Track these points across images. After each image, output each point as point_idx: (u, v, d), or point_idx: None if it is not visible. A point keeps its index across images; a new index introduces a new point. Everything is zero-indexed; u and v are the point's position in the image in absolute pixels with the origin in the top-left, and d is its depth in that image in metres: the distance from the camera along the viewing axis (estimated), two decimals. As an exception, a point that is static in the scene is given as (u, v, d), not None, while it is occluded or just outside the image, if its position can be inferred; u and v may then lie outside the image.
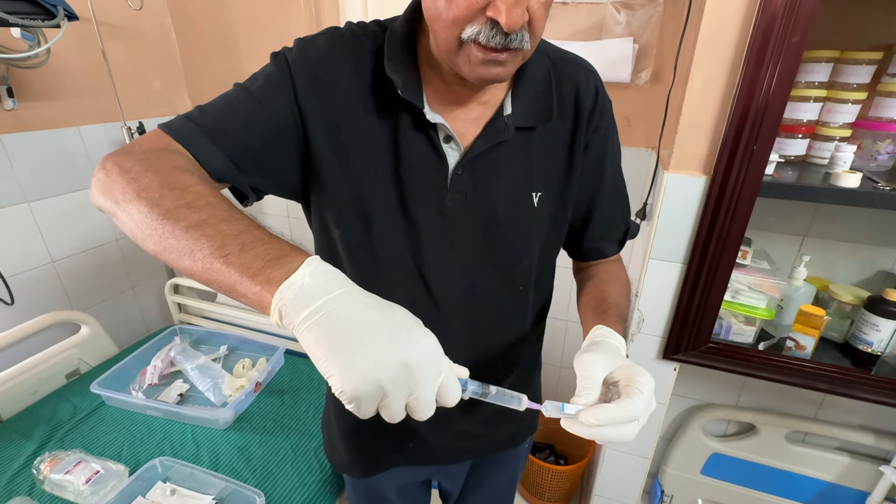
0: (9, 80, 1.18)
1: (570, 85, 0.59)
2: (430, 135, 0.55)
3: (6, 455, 1.03)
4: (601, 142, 0.61)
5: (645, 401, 0.45)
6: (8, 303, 1.24)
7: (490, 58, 0.46)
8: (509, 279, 0.63)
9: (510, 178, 0.58)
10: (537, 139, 0.58)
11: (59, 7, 0.91)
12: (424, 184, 0.56)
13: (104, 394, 1.15)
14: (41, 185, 1.29)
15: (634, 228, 0.73)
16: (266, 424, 1.12)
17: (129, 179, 0.41)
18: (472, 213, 0.58)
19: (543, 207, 0.60)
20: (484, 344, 0.66)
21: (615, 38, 1.13)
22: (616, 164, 0.66)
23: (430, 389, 0.36)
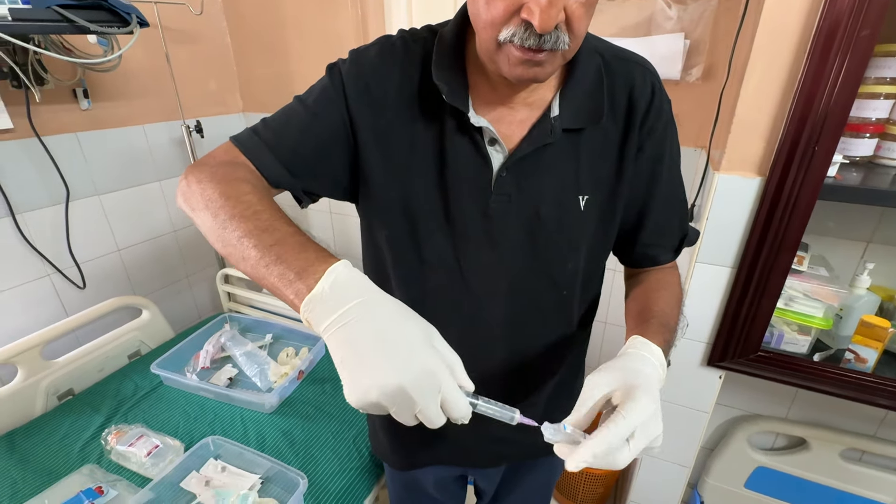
0: (85, 83, 1.29)
1: (623, 84, 0.56)
2: (475, 138, 0.56)
3: (78, 425, 1.13)
4: (656, 144, 0.59)
5: (626, 427, 0.41)
6: (80, 287, 1.35)
7: (527, 58, 0.46)
8: (552, 282, 0.62)
9: (556, 180, 0.57)
10: (586, 141, 0.57)
11: (133, 15, 0.98)
12: (469, 186, 0.57)
13: (162, 374, 1.24)
14: (110, 179, 1.40)
15: (693, 235, 0.69)
16: (308, 411, 1.17)
17: (200, 189, 0.48)
18: (517, 215, 0.58)
19: (591, 211, 0.59)
20: (525, 345, 0.66)
21: (665, 34, 1.10)
22: (674, 168, 0.63)
23: (430, 406, 0.38)
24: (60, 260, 1.30)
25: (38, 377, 1.18)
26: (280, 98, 0.62)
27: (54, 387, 1.22)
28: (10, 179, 1.17)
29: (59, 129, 1.26)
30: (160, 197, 1.55)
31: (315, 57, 1.55)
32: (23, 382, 1.16)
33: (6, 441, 1.08)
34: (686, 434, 1.15)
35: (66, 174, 1.27)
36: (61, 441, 1.09)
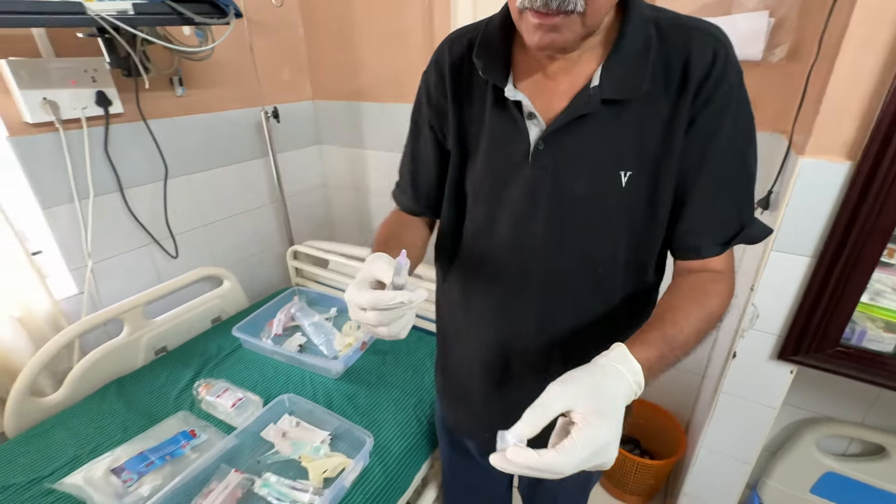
0: (180, 72, 1.42)
1: (679, 53, 0.52)
2: (513, 111, 0.58)
3: (173, 377, 1.27)
4: (712, 117, 0.53)
5: (576, 457, 0.39)
6: (173, 257, 1.51)
7: (541, 21, 0.47)
8: (587, 259, 0.60)
9: (595, 154, 0.56)
10: (632, 114, 0.54)
11: (230, 7, 1.08)
12: (507, 158, 0.60)
13: (242, 337, 1.36)
14: (197, 160, 1.54)
15: (758, 231, 0.59)
16: (371, 379, 1.25)
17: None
18: (552, 188, 0.58)
19: (634, 188, 0.56)
20: (556, 321, 0.65)
21: (747, 13, 1.04)
22: (735, 148, 0.55)
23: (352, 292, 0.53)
24: (158, 232, 1.46)
25: (140, 333, 1.34)
26: (347, 86, 0.72)
27: (152, 343, 1.38)
28: (121, 159, 1.32)
29: (158, 113, 1.40)
30: (240, 178, 1.69)
31: (382, 46, 1.61)
32: (128, 337, 1.32)
33: (115, 386, 1.24)
34: (750, 429, 1.12)
35: (165, 154, 1.41)
36: (160, 389, 1.23)
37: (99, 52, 1.20)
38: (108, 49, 1.12)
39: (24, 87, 1.10)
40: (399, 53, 1.57)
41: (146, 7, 0.98)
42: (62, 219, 1.24)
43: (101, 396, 1.21)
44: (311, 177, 1.99)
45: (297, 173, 1.90)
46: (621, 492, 1.54)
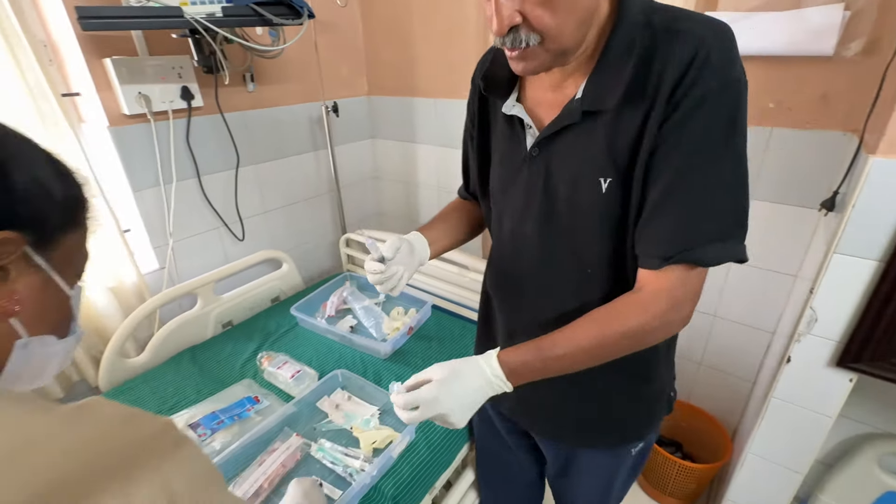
0: (252, 69, 1.54)
1: (661, 58, 0.52)
2: (513, 122, 0.66)
3: (238, 349, 1.40)
4: (677, 124, 0.51)
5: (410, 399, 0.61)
6: (240, 239, 1.64)
7: (511, 56, 0.55)
8: (577, 260, 0.65)
9: (579, 161, 0.59)
10: (610, 123, 0.56)
11: (304, 8, 1.17)
12: (509, 164, 0.68)
13: (299, 316, 1.47)
14: (263, 151, 1.66)
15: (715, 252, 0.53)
16: (417, 361, 1.32)
17: None
18: (545, 192, 0.64)
19: (614, 194, 0.58)
20: (549, 315, 0.69)
21: (820, 6, 1.01)
22: (697, 158, 0.52)
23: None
24: (228, 216, 1.59)
25: (211, 307, 1.48)
26: (401, 82, 0.79)
27: (220, 317, 1.51)
28: (199, 148, 1.46)
29: (231, 107, 1.52)
30: (300, 169, 1.80)
31: (437, 43, 1.66)
32: (200, 310, 1.46)
33: (189, 353, 1.38)
34: (802, 438, 1.08)
35: (237, 145, 1.54)
36: (227, 359, 1.36)
37: (184, 50, 1.33)
38: (196, 48, 1.23)
39: (123, 82, 1.24)
40: (453, 51, 1.62)
41: (232, 10, 1.08)
42: (149, 201, 1.39)
43: (178, 362, 1.35)
44: (364, 169, 2.09)
45: (351, 165, 2.00)
46: (660, 493, 1.52)
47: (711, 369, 1.50)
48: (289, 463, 0.99)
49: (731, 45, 0.52)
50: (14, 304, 0.38)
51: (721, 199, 0.53)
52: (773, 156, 1.15)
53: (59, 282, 0.41)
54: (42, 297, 0.40)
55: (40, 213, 0.39)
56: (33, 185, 0.38)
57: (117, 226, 1.30)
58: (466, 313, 1.53)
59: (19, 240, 0.36)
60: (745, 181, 0.54)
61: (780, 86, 1.11)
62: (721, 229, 0.54)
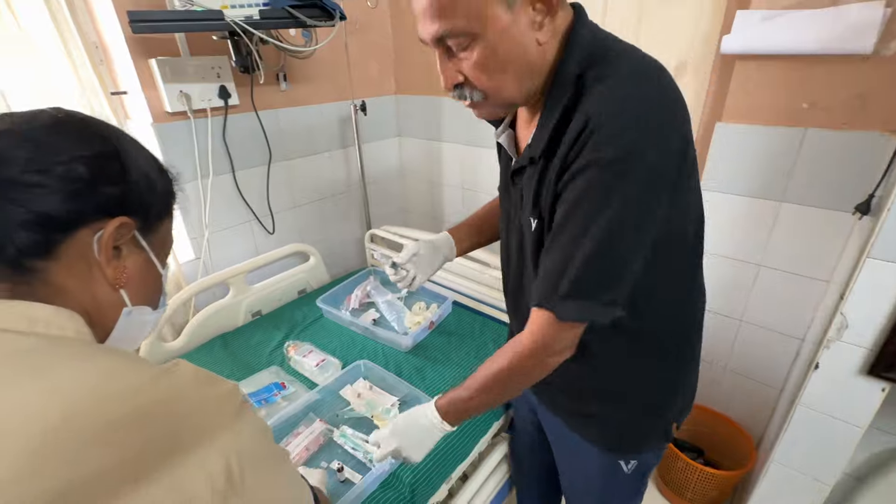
0: (285, 68, 1.60)
1: (576, 119, 0.55)
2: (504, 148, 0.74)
3: (266, 337, 1.46)
4: (566, 182, 0.56)
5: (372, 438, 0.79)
6: (270, 233, 1.71)
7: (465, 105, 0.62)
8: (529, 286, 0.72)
9: (528, 198, 0.66)
10: (540, 171, 0.62)
11: (337, 10, 1.21)
12: (504, 181, 0.77)
13: (325, 308, 1.52)
14: (294, 148, 1.72)
15: (569, 310, 0.59)
16: (437, 356, 1.34)
17: None
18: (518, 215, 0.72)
19: (538, 232, 0.66)
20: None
21: (859, 3, 0.98)
22: (568, 225, 0.56)
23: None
24: (260, 210, 1.65)
25: (242, 297, 1.55)
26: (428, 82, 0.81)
27: (250, 306, 1.58)
28: (235, 144, 1.52)
29: (266, 105, 1.59)
30: (328, 165, 1.86)
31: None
32: (232, 299, 1.53)
33: (221, 340, 1.45)
34: (829, 448, 1.06)
35: (269, 142, 1.60)
36: (255, 346, 1.42)
37: (223, 51, 1.40)
38: (234, 49, 1.30)
39: (167, 81, 1.31)
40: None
41: (269, 13, 1.13)
42: (187, 194, 1.46)
43: (210, 347, 1.42)
44: (390, 166, 2.13)
45: (378, 162, 2.05)
46: (680, 499, 1.50)
47: (737, 374, 1.46)
48: (312, 447, 1.03)
49: (632, 112, 0.52)
50: (124, 277, 0.44)
51: (579, 263, 0.56)
52: (805, 157, 1.12)
53: (155, 261, 0.48)
54: (144, 273, 0.47)
55: (147, 203, 0.45)
56: (143, 178, 0.45)
57: (158, 217, 1.38)
58: (487, 310, 1.55)
59: (131, 224, 0.43)
60: (613, 252, 0.55)
61: (815, 85, 1.08)
62: (578, 289, 0.57)
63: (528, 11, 0.54)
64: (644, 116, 0.52)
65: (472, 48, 0.55)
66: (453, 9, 0.52)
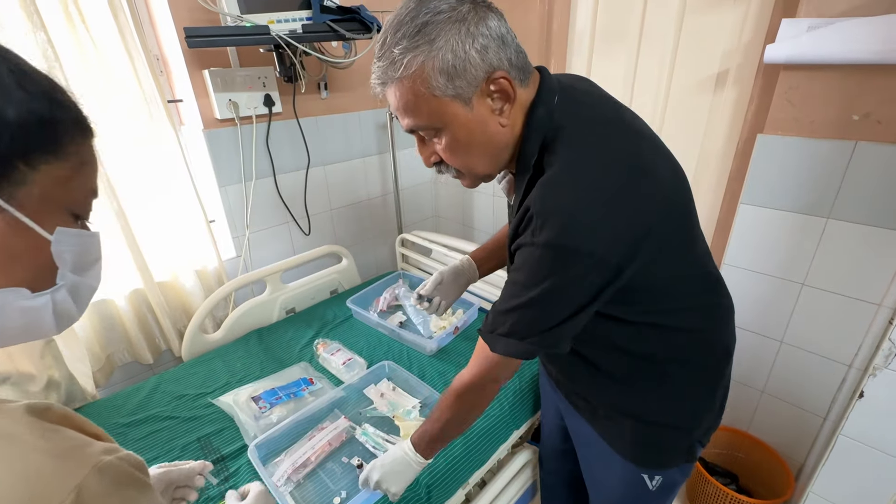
0: (326, 78, 1.67)
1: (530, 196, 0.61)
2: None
3: (298, 334, 1.52)
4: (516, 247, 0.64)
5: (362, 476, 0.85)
6: (306, 234, 1.78)
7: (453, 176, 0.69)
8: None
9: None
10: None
11: (375, 24, 1.26)
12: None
13: (354, 308, 1.57)
14: (331, 153, 1.79)
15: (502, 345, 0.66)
16: (461, 360, 1.36)
17: None
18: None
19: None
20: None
21: (917, 11, 0.92)
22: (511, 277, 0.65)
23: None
24: (297, 212, 1.73)
25: (277, 294, 1.62)
26: None
27: (285, 304, 1.65)
28: (277, 149, 1.61)
29: (307, 113, 1.66)
30: (362, 171, 1.92)
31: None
32: (268, 296, 1.60)
33: (257, 334, 1.53)
34: (873, 481, 0.99)
35: (309, 147, 1.68)
36: (288, 342, 1.49)
37: (268, 62, 1.48)
38: (278, 60, 1.37)
39: (217, 90, 1.40)
40: (515, 59, 1.65)
41: (311, 27, 1.20)
42: (231, 196, 1.56)
43: (246, 340, 1.50)
44: (423, 173, 2.17)
45: (411, 169, 2.09)
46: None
47: (776, 399, 1.39)
48: (335, 442, 1.07)
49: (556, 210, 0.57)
50: None
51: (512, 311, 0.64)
52: (855, 172, 1.06)
53: (29, 224, 0.34)
54: (7, 242, 0.33)
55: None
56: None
57: (205, 216, 1.47)
58: (512, 318, 1.55)
59: None
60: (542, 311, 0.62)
61: (868, 96, 1.02)
62: (510, 331, 0.65)
63: (486, 102, 0.59)
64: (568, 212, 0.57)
65: (439, 136, 0.61)
66: (417, 110, 0.59)
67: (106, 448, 0.34)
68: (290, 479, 0.98)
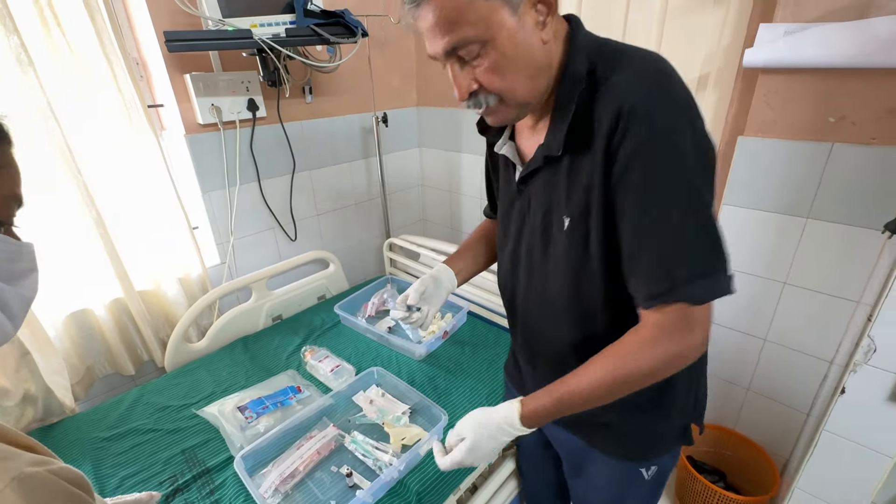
0: (311, 82, 1.66)
1: (601, 110, 0.56)
2: (506, 158, 0.73)
3: (285, 342, 1.50)
4: (621, 173, 0.56)
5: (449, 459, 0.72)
6: (293, 240, 1.76)
7: (478, 112, 0.62)
8: (556, 289, 0.70)
9: (546, 200, 0.66)
10: (566, 167, 0.62)
11: (359, 28, 1.26)
12: (506, 194, 0.76)
13: (342, 314, 1.55)
14: (317, 158, 1.78)
15: (699, 290, 0.55)
16: (449, 365, 1.35)
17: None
18: (524, 222, 0.72)
19: (573, 232, 0.64)
20: (539, 343, 0.78)
21: (889, 16, 0.95)
22: (652, 204, 0.55)
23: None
24: (283, 217, 1.71)
25: (263, 301, 1.60)
26: (449, 95, 0.82)
27: (271, 311, 1.63)
28: (261, 154, 1.59)
29: (291, 117, 1.65)
30: (349, 175, 1.91)
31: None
32: (254, 303, 1.58)
33: (242, 342, 1.50)
34: (856, 477, 1.01)
35: (294, 152, 1.66)
36: (274, 350, 1.46)
37: (252, 66, 1.46)
38: (262, 64, 1.36)
39: (199, 95, 1.38)
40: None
41: (295, 31, 1.18)
42: (215, 202, 1.53)
43: (232, 349, 1.47)
44: (410, 176, 2.17)
45: (398, 172, 2.09)
46: (700, 524, 1.44)
47: (760, 396, 1.41)
48: (324, 451, 1.05)
49: (659, 93, 0.54)
50: None
51: (684, 241, 0.55)
52: (832, 173, 1.09)
53: None
54: None
55: None
56: None
57: (188, 223, 1.45)
58: (501, 320, 1.55)
59: None
60: (705, 217, 0.55)
61: (843, 99, 1.05)
62: (696, 267, 0.55)
63: (531, 13, 0.56)
64: (674, 95, 0.54)
65: (483, 54, 0.56)
66: (461, 21, 0.54)
67: (34, 460, 0.32)
68: (277, 491, 0.96)
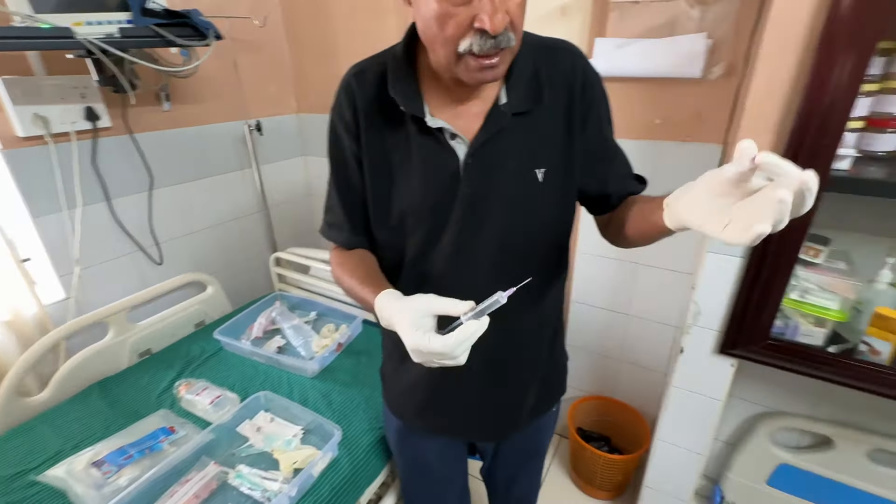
0: (167, 88, 1.50)
1: (558, 69, 0.66)
2: (437, 136, 0.64)
3: (156, 378, 1.33)
4: (596, 112, 0.69)
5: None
6: (158, 263, 1.57)
7: (485, 64, 0.55)
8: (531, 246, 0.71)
9: (514, 159, 0.65)
10: (534, 121, 0.65)
11: (210, 30, 1.16)
12: (440, 178, 0.65)
13: (223, 340, 1.42)
14: (184, 171, 1.61)
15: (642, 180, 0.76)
16: (345, 378, 1.31)
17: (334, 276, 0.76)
18: (486, 196, 0.66)
19: (549, 181, 0.68)
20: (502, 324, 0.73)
21: (688, 35, 1.14)
22: (611, 128, 0.73)
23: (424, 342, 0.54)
24: (143, 239, 1.52)
25: (125, 336, 1.40)
26: (331, 99, 0.74)
27: (137, 346, 1.43)
28: (108, 170, 1.39)
29: (145, 127, 1.47)
30: (225, 188, 1.76)
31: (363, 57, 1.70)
32: (112, 340, 1.38)
33: (100, 387, 1.30)
34: (699, 422, 1.19)
35: (150, 166, 1.48)
36: (143, 389, 1.29)
37: (83, 69, 1.28)
38: (96, 68, 1.19)
39: (17, 103, 1.17)
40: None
41: (132, 31, 1.06)
42: (51, 227, 1.30)
43: (86, 396, 1.26)
44: (296, 186, 2.07)
45: (282, 183, 1.98)
46: (591, 487, 1.59)
47: (631, 365, 1.60)
48: (202, 493, 0.95)
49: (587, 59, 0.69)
50: None
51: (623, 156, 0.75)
52: (662, 166, 1.27)
53: None
54: None
55: None
56: None
57: (13, 255, 1.21)
58: (398, 326, 1.55)
59: None
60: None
61: (664, 104, 1.23)
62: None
63: None
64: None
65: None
66: None
67: None
68: (146, 549, 0.84)
